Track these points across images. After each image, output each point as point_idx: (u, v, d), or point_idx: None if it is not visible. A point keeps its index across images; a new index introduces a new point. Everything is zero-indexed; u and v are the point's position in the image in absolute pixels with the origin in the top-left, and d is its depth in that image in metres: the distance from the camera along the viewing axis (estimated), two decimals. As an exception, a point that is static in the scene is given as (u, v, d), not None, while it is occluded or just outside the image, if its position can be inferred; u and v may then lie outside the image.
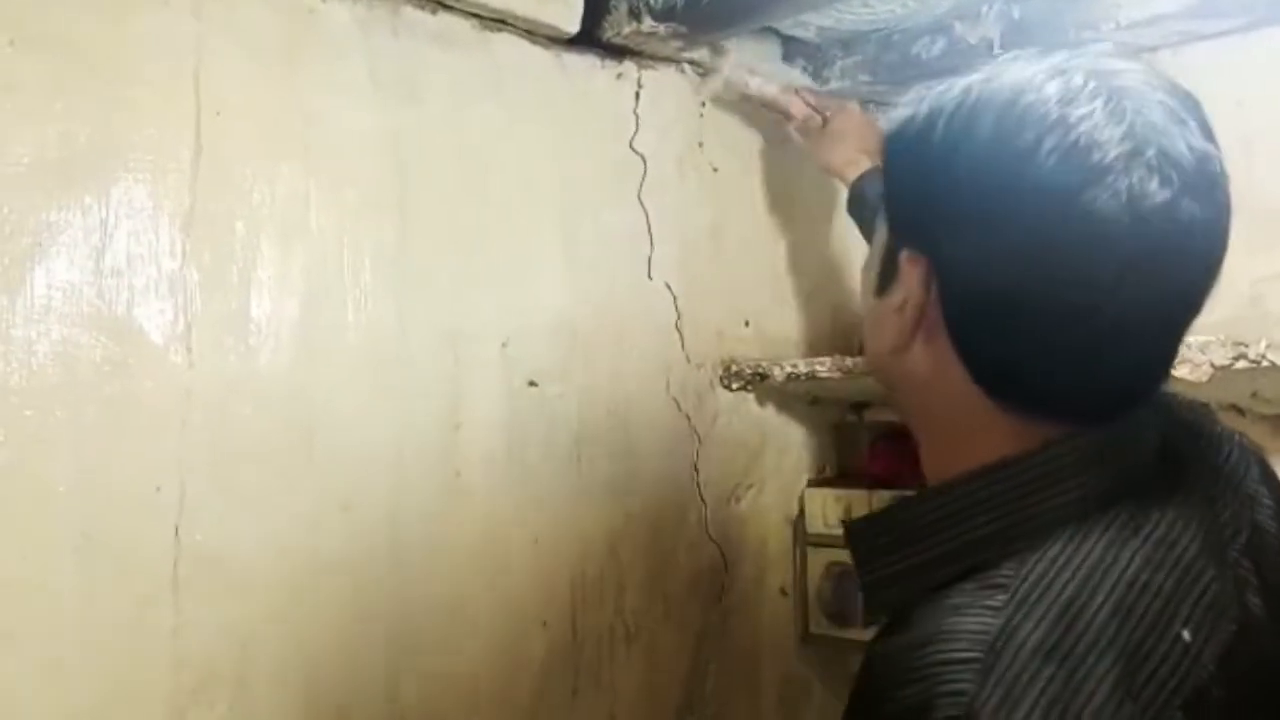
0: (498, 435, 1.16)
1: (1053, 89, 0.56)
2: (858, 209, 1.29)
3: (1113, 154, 0.54)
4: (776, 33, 1.44)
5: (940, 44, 1.34)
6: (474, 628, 1.13)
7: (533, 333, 1.20)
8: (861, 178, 1.29)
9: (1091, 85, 0.56)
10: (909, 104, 0.64)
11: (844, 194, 1.34)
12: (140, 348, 0.92)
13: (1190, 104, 0.57)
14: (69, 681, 0.87)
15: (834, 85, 1.45)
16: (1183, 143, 0.55)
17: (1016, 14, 1.25)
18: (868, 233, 1.21)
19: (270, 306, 0.99)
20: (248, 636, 0.96)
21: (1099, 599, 0.54)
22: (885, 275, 0.66)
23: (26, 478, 0.85)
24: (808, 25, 1.39)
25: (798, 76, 1.46)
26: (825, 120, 1.38)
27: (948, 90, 0.61)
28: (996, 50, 1.29)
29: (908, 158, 0.64)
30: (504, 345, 1.17)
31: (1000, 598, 0.54)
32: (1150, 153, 0.54)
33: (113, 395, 0.90)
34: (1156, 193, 0.54)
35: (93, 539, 0.88)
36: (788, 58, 1.46)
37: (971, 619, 0.53)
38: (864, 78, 1.42)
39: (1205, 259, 0.57)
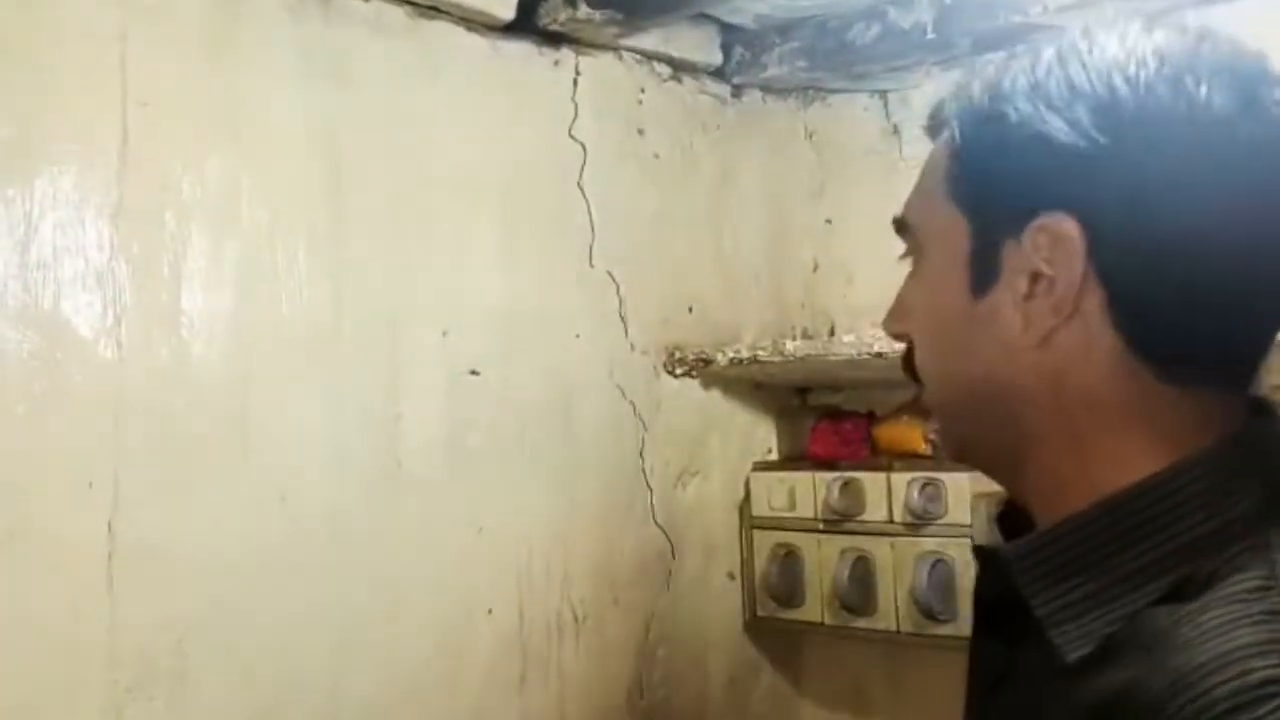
0: (439, 425, 1.16)
1: (1154, 34, 0.54)
2: None
3: (1257, 67, 0.53)
4: (714, 19, 1.44)
5: (875, 29, 1.36)
6: (417, 618, 1.13)
7: (474, 322, 1.20)
8: None
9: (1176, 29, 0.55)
10: (972, 76, 0.59)
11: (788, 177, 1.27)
12: (69, 342, 0.91)
13: None
14: (2, 680, 0.85)
15: (772, 71, 1.46)
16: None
17: (948, -1, 1.27)
18: None
19: (202, 298, 0.98)
20: (185, 630, 0.95)
21: None
22: (984, 268, 0.57)
23: (-48, 475, 0.84)
24: (744, 12, 1.40)
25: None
26: None
27: (1028, 51, 0.56)
28: (930, 35, 1.31)
29: (998, 121, 0.56)
30: (444, 334, 1.17)
31: (1276, 600, 0.48)
32: (1270, 66, 0.54)
33: (42, 390, 0.89)
34: None
35: (23, 536, 0.87)
36: (726, 44, 1.47)
37: (1265, 630, 0.47)
38: (801, 64, 1.43)
39: None
